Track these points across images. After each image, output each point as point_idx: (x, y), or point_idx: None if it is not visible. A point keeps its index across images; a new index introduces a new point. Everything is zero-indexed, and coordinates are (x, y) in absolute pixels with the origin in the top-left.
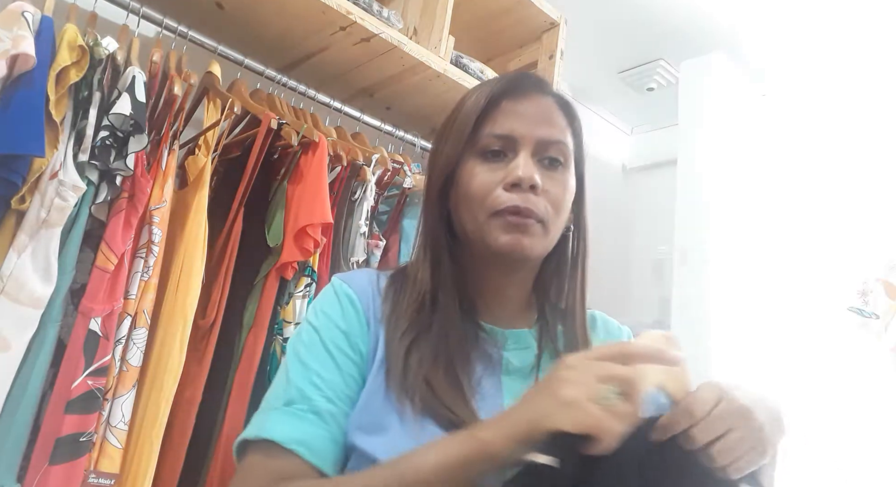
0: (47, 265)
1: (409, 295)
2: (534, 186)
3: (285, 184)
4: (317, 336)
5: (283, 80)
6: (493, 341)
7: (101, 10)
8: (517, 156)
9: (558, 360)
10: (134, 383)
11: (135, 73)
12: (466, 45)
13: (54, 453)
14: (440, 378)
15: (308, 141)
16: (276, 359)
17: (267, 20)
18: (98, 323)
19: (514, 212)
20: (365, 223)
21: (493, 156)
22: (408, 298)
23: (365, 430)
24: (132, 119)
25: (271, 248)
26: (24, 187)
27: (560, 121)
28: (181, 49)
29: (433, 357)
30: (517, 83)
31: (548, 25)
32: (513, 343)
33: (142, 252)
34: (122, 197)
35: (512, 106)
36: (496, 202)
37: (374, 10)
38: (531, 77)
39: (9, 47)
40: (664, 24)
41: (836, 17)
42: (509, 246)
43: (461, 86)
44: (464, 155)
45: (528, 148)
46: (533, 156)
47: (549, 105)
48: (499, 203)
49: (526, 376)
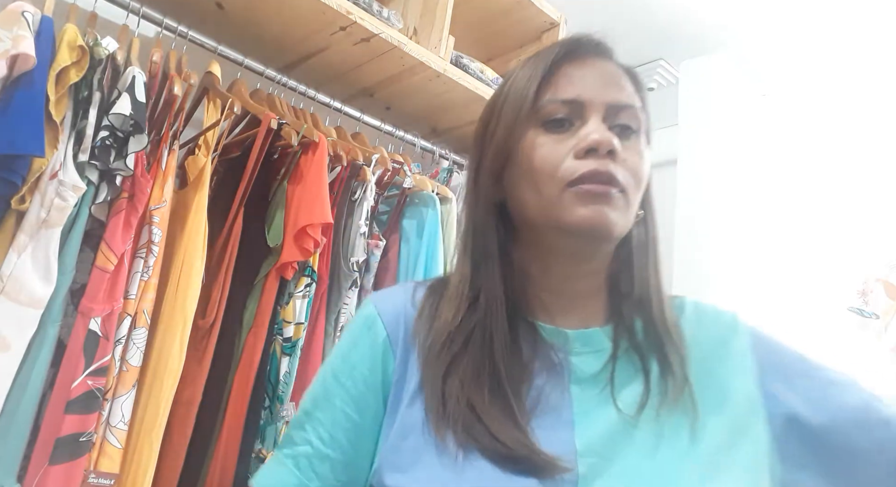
0: (47, 265)
1: (447, 303)
2: (612, 151)
3: (285, 184)
4: (324, 368)
5: (283, 80)
6: (555, 345)
7: (101, 10)
8: (586, 122)
9: (637, 356)
10: (134, 383)
11: (135, 73)
12: (466, 45)
13: (54, 453)
14: (485, 399)
15: (308, 141)
16: (276, 359)
17: (267, 20)
18: (98, 323)
19: (595, 179)
20: (365, 223)
21: (558, 125)
22: (445, 307)
23: (400, 469)
24: (132, 119)
25: (271, 248)
26: (24, 187)
27: (629, 86)
28: (181, 49)
29: (475, 375)
30: (578, 45)
31: (548, 25)
32: (581, 345)
33: (142, 252)
34: (121, 197)
35: (574, 70)
36: (570, 171)
37: (374, 10)
38: (592, 39)
39: (9, 47)
40: (664, 24)
41: (836, 17)
42: (590, 221)
43: (461, 86)
44: (523, 128)
45: (598, 113)
46: (604, 121)
47: (614, 69)
48: (573, 171)
49: (600, 382)
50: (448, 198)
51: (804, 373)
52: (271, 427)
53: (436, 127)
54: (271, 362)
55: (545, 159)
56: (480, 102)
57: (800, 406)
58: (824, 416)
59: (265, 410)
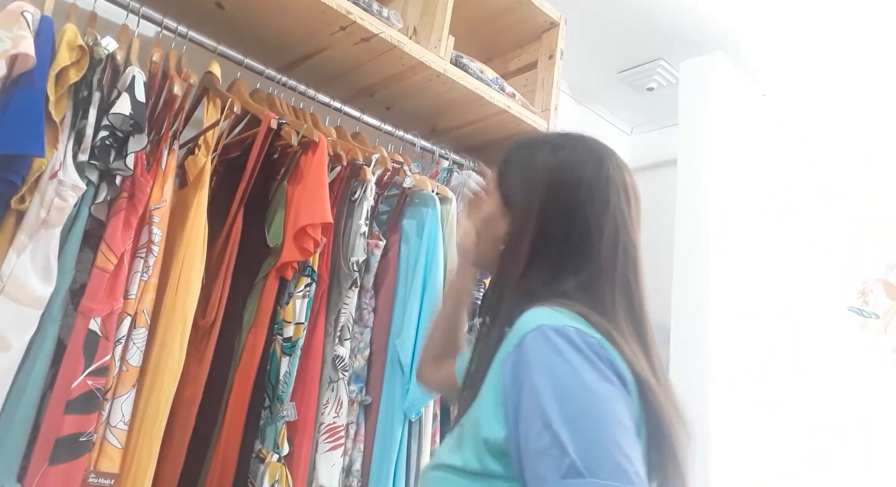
0: (47, 265)
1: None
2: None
3: (285, 183)
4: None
5: (283, 80)
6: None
7: (101, 10)
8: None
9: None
10: (134, 383)
11: (134, 73)
12: (466, 45)
13: (54, 453)
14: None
15: (308, 141)
16: (276, 359)
17: (267, 20)
18: (98, 323)
19: None
20: (365, 223)
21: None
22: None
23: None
24: (132, 119)
25: (271, 248)
26: (24, 187)
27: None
28: (181, 49)
29: None
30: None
31: (548, 25)
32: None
33: (141, 252)
34: (121, 197)
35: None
36: None
37: (374, 10)
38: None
39: (9, 47)
40: (664, 24)
41: (836, 16)
42: None
43: (461, 86)
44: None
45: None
46: None
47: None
48: None
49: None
50: (448, 198)
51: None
52: (271, 427)
53: (436, 127)
54: (271, 362)
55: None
56: (480, 102)
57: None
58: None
59: (265, 410)
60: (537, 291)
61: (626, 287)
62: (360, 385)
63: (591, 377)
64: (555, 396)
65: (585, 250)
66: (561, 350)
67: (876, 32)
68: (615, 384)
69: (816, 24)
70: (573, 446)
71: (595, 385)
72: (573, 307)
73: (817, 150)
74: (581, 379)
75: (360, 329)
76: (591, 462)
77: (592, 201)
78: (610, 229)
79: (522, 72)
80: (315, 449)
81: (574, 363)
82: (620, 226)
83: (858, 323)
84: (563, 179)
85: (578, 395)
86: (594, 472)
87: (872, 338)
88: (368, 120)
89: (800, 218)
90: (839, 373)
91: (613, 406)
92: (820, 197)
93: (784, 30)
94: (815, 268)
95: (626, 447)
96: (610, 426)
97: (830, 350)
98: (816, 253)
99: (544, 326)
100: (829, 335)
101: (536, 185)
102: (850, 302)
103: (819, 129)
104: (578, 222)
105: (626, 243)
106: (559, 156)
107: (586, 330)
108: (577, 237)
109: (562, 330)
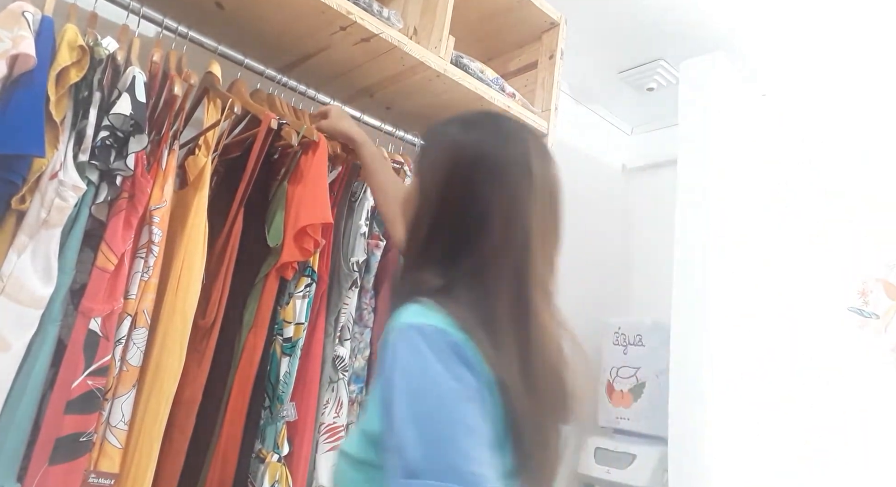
0: (47, 265)
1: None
2: None
3: (285, 184)
4: None
5: (283, 80)
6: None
7: (101, 10)
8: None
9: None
10: (134, 383)
11: (135, 73)
12: (466, 45)
13: (54, 453)
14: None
15: (308, 141)
16: (276, 359)
17: (267, 20)
18: (98, 324)
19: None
20: (365, 223)
21: None
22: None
23: None
24: (132, 119)
25: (271, 248)
26: (24, 187)
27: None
28: (181, 49)
29: None
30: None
31: (548, 25)
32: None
33: (142, 252)
34: (122, 197)
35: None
36: None
37: (374, 10)
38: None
39: (9, 47)
40: (664, 24)
41: (836, 16)
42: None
43: (461, 86)
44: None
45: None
46: None
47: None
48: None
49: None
50: None
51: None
52: (271, 427)
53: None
54: (271, 362)
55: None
56: (480, 102)
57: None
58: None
59: (265, 410)
60: (427, 279)
61: (516, 276)
62: (361, 385)
63: (444, 377)
64: (406, 395)
65: (477, 233)
66: (419, 349)
67: (876, 32)
68: (469, 384)
69: (816, 24)
70: (413, 446)
71: (445, 385)
72: (447, 304)
73: (817, 150)
74: (432, 380)
75: (361, 329)
76: (427, 463)
77: (490, 181)
78: (502, 212)
79: (522, 72)
80: (315, 449)
81: (428, 362)
82: (516, 210)
83: (858, 323)
84: (464, 156)
85: (427, 395)
86: (429, 473)
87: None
88: (368, 120)
89: (800, 218)
90: (839, 373)
91: (460, 407)
92: (820, 197)
93: (784, 30)
94: (815, 268)
95: (469, 448)
96: (453, 426)
97: (830, 350)
98: (816, 253)
99: (408, 325)
100: (829, 335)
101: (439, 163)
102: (850, 303)
103: (819, 129)
104: (473, 203)
105: (522, 229)
106: (467, 133)
107: (449, 330)
108: (471, 219)
109: (423, 330)
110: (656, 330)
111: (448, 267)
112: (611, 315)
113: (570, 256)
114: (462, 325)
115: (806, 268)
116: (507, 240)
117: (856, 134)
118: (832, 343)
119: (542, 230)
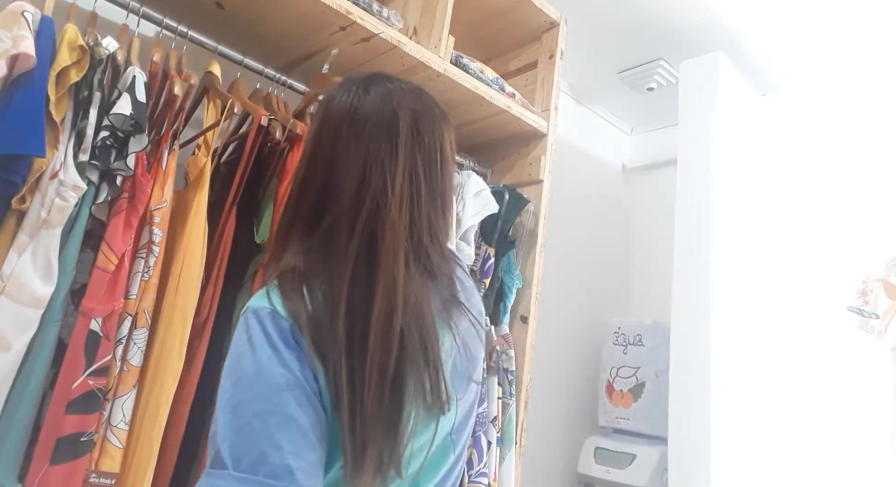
0: (48, 265)
1: None
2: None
3: (274, 180)
4: None
5: (282, 80)
6: None
7: (101, 10)
8: None
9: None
10: (134, 383)
11: (135, 73)
12: (466, 45)
13: (55, 453)
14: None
15: (294, 135)
16: None
17: (267, 20)
18: (99, 323)
19: None
20: None
21: None
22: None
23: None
24: (132, 119)
25: (259, 245)
26: (25, 187)
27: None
28: (181, 49)
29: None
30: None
31: (548, 25)
32: None
33: (142, 252)
34: (122, 197)
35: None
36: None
37: (374, 10)
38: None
39: (9, 47)
40: (664, 24)
41: (837, 16)
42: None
43: (461, 86)
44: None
45: None
46: None
47: None
48: None
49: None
50: None
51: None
52: None
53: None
54: None
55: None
56: (480, 102)
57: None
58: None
59: None
60: (285, 259)
61: (368, 237)
62: None
63: (270, 363)
64: (231, 382)
65: (334, 193)
66: (252, 335)
67: (876, 32)
68: (295, 372)
69: (817, 24)
70: (225, 435)
71: (269, 372)
72: (286, 283)
73: (817, 150)
74: (257, 366)
75: None
76: (235, 452)
77: (348, 138)
78: (356, 169)
79: (522, 72)
80: None
81: (256, 348)
82: (371, 167)
83: (858, 323)
84: (330, 115)
85: (249, 382)
86: (236, 463)
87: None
88: None
89: (800, 218)
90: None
91: (281, 395)
92: (820, 196)
93: (784, 30)
94: (815, 268)
95: (282, 438)
96: (269, 415)
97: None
98: (816, 253)
99: (248, 307)
100: (829, 335)
101: (314, 123)
102: (850, 302)
103: (819, 129)
104: (333, 161)
105: (377, 188)
106: (340, 92)
107: (283, 314)
108: (333, 178)
109: (259, 312)
110: (656, 330)
111: (307, 235)
112: (611, 315)
113: (570, 256)
114: (290, 308)
115: (806, 268)
116: (359, 199)
117: (856, 133)
118: (832, 343)
119: (411, 189)
